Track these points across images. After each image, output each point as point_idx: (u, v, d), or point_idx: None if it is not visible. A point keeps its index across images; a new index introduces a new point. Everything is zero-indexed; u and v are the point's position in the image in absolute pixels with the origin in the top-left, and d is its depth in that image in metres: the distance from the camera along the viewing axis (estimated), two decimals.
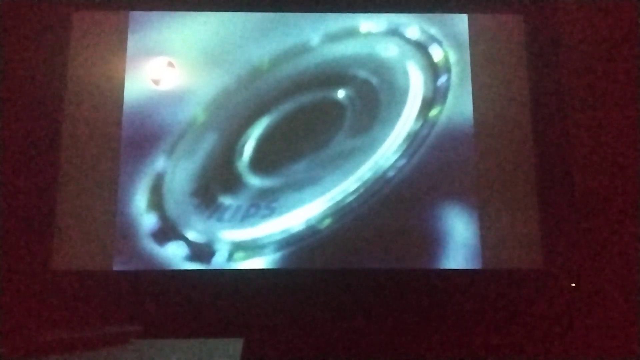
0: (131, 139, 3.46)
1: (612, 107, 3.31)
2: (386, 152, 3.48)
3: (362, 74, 3.57)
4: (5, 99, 3.24)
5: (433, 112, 3.54)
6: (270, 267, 3.36)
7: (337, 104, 3.55)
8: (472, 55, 3.60)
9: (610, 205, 3.22)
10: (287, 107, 3.54)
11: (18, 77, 3.34)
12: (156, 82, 3.52)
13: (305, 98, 3.55)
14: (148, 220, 3.37)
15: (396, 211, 3.42)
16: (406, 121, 3.52)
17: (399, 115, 3.52)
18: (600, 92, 3.36)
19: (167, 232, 3.37)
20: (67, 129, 3.45)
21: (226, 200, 3.41)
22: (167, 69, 3.54)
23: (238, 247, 3.37)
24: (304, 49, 3.60)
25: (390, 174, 3.46)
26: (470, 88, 3.56)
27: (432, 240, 3.40)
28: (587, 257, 3.28)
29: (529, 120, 3.54)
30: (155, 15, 3.60)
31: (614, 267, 3.18)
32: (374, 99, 3.55)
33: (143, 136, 3.47)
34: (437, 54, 3.61)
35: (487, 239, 3.40)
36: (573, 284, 3.30)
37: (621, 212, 3.18)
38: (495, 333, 3.24)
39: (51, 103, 3.43)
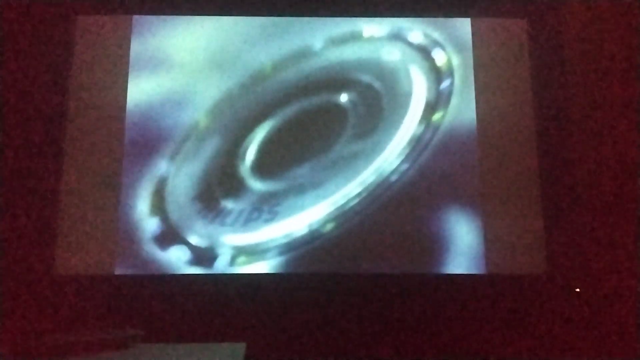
0: (134, 143, 3.46)
1: (615, 112, 3.29)
2: (389, 156, 3.47)
3: (365, 78, 3.57)
4: (9, 102, 3.24)
5: (436, 116, 3.53)
6: (272, 271, 3.35)
7: (340, 108, 3.55)
8: (475, 59, 3.60)
9: (614, 210, 3.20)
10: (290, 111, 3.54)
11: (21, 80, 3.34)
12: (159, 86, 3.53)
13: (308, 102, 3.55)
14: (150, 225, 3.37)
15: (399, 216, 3.41)
16: (409, 125, 3.51)
17: (402, 119, 3.52)
18: (604, 97, 3.34)
19: (170, 236, 3.36)
20: (70, 133, 3.45)
21: (229, 204, 3.40)
22: (170, 72, 3.55)
23: (240, 251, 3.36)
24: (307, 53, 3.60)
25: (393, 178, 3.45)
26: (473, 92, 3.56)
27: (435, 245, 3.38)
28: (591, 262, 3.26)
29: (532, 124, 3.53)
30: (158, 19, 3.61)
31: (617, 273, 3.15)
32: (376, 103, 3.54)
33: (146, 140, 3.47)
34: (440, 58, 3.61)
35: (491, 244, 3.38)
36: (577, 289, 3.28)
37: (625, 217, 3.16)
38: (499, 338, 3.22)
39: (54, 106, 3.44)
